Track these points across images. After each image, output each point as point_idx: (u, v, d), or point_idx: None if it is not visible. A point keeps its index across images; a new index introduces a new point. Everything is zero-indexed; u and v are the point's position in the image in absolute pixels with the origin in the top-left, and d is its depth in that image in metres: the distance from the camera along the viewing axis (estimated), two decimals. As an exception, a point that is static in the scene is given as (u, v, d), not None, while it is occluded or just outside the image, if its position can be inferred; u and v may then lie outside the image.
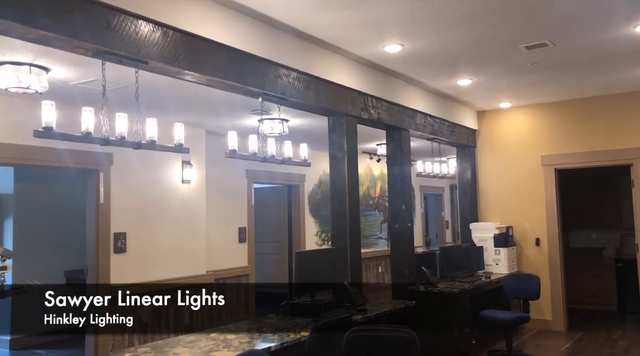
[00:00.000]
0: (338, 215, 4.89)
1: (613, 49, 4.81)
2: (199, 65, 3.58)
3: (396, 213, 5.83)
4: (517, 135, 7.32)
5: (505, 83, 6.03)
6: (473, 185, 7.49)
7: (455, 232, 14.24)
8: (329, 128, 4.98)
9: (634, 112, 6.51)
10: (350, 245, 4.85)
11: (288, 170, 8.72)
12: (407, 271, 5.73)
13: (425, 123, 6.30)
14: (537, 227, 7.10)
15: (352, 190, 4.93)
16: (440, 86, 6.10)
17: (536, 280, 5.65)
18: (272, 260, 9.10)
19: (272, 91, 4.13)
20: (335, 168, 4.93)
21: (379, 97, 5.38)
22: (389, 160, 5.93)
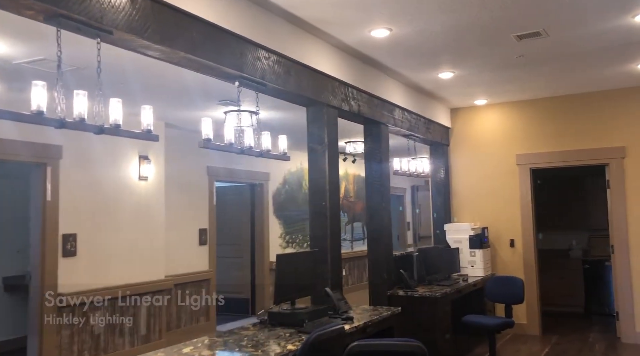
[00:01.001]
0: (318, 214, 4.49)
1: (607, 41, 4.63)
2: (171, 39, 3.10)
3: (374, 212, 5.48)
4: (491, 134, 7.14)
5: (486, 78, 5.80)
6: (446, 184, 7.26)
7: (416, 234, 14.12)
8: (308, 119, 4.58)
9: (610, 111, 6.43)
10: (331, 246, 4.46)
11: (252, 168, 8.26)
12: (386, 275, 5.38)
13: (403, 119, 5.99)
14: (512, 228, 6.93)
15: (333, 186, 4.54)
16: (420, 79, 5.80)
17: (520, 283, 5.43)
18: (233, 263, 8.59)
19: (251, 74, 3.68)
20: (314, 163, 4.53)
21: (360, 88, 5.02)
22: (366, 157, 5.58)
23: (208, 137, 3.52)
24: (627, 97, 6.33)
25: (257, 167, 8.37)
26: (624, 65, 5.39)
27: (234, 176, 8.01)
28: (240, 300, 8.53)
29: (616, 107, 6.39)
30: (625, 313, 6.26)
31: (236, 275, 8.58)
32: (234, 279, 8.56)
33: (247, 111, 4.35)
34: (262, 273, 8.47)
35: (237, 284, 8.55)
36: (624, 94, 6.35)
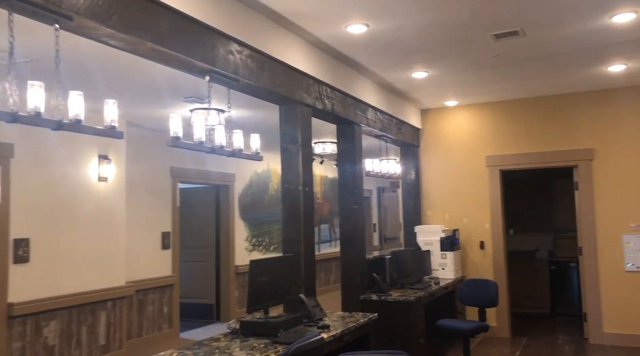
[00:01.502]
0: (291, 217, 4.29)
1: (582, 42, 4.62)
2: (137, 29, 2.85)
3: (347, 215, 5.32)
4: (461, 135, 7.10)
5: (459, 78, 5.74)
6: (417, 186, 7.18)
7: (382, 236, 14.08)
8: (281, 117, 4.38)
9: (579, 114, 6.48)
10: (305, 251, 4.27)
11: (217, 169, 7.99)
12: (359, 279, 5.23)
13: (375, 119, 5.86)
14: (482, 230, 6.90)
15: (308, 187, 4.35)
16: (393, 79, 5.68)
17: (493, 286, 5.37)
18: (198, 268, 8.29)
19: (223, 69, 3.46)
20: (288, 163, 4.33)
21: (334, 86, 4.85)
22: (340, 158, 5.42)
23: (177, 134, 3.27)
24: (596, 99, 6.39)
25: (222, 167, 8.11)
26: (595, 67, 5.41)
27: (199, 177, 7.73)
28: (204, 306, 8.24)
29: (585, 110, 6.45)
30: (593, 314, 6.31)
31: (200, 279, 8.28)
32: (198, 284, 8.26)
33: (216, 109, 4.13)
34: (228, 277, 8.20)
35: (201, 289, 8.25)
36: (593, 97, 6.41)
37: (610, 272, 6.25)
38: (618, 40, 4.58)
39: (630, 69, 5.46)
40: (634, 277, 6.13)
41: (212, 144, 3.52)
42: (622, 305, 6.16)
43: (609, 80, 5.95)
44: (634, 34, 4.42)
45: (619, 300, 6.18)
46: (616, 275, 6.22)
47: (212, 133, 3.57)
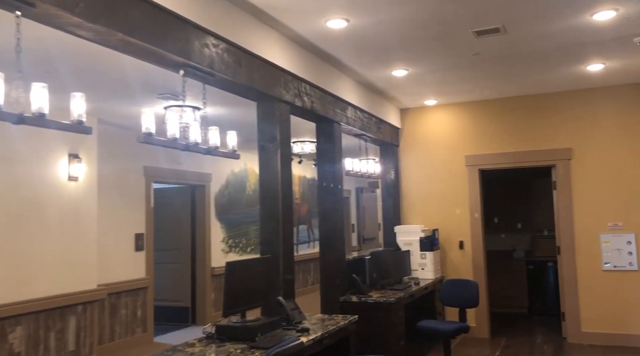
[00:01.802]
0: (269, 218, 4.16)
1: (563, 40, 4.59)
2: (107, 18, 2.69)
3: (327, 215, 5.21)
4: (441, 135, 7.06)
5: (439, 76, 5.68)
6: (396, 186, 7.11)
7: (360, 236, 14.02)
8: (259, 115, 4.25)
9: (558, 113, 6.49)
10: (284, 252, 4.15)
11: (192, 168, 7.81)
12: (339, 280, 5.13)
13: (355, 118, 5.77)
14: (461, 230, 6.87)
15: (286, 187, 4.23)
16: (373, 77, 5.60)
17: (474, 286, 5.32)
18: (173, 270, 8.09)
19: (198, 62, 3.32)
20: (265, 162, 4.20)
21: (313, 83, 4.74)
22: (319, 156, 5.31)
23: (149, 131, 3.12)
24: (574, 99, 6.41)
25: (198, 167, 7.92)
26: (575, 66, 5.41)
27: (174, 177, 7.53)
28: (179, 309, 8.04)
29: (564, 109, 6.46)
30: (571, 314, 6.32)
31: (175, 282, 8.08)
32: (173, 286, 8.06)
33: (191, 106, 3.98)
34: (204, 279, 8.01)
35: (177, 291, 8.05)
36: (571, 96, 6.42)
37: (588, 271, 6.26)
38: (597, 39, 4.57)
39: (608, 68, 5.48)
40: (611, 276, 6.16)
41: (187, 141, 3.38)
42: (599, 304, 6.19)
43: (587, 80, 5.96)
44: (613, 33, 4.42)
45: (596, 299, 6.20)
46: (594, 274, 6.24)
47: (186, 130, 3.43)
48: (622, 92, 6.20)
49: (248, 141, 5.94)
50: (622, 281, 6.11)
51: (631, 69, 5.55)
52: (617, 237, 6.14)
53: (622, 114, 6.21)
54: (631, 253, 6.08)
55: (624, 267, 6.11)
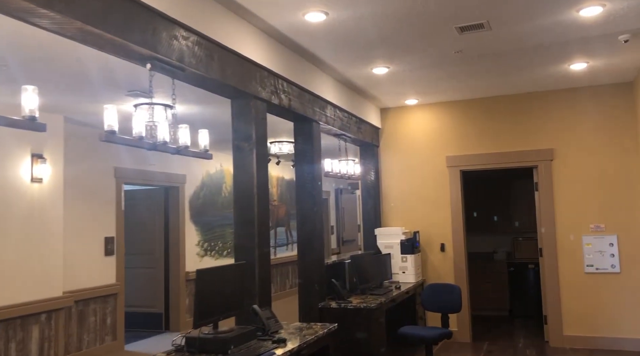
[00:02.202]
0: (244, 222, 3.94)
1: (547, 37, 4.47)
2: (65, 3, 2.45)
3: (306, 218, 5.01)
4: (421, 135, 6.91)
5: (420, 75, 5.52)
6: (377, 187, 6.94)
7: (340, 238, 13.84)
8: (233, 113, 4.02)
9: (540, 113, 6.40)
10: (260, 258, 3.93)
11: (166, 169, 7.53)
12: (318, 285, 4.93)
13: (335, 117, 5.58)
14: (442, 232, 6.73)
15: (262, 189, 4.02)
16: (353, 75, 5.41)
17: (457, 291, 5.17)
18: (145, 274, 7.79)
19: (166, 56, 3.08)
20: (240, 163, 3.97)
21: (291, 80, 4.53)
22: (297, 157, 5.10)
23: (112, 128, 2.87)
24: (556, 99, 6.32)
25: (172, 168, 7.65)
26: (558, 65, 5.31)
27: (146, 178, 7.25)
28: (152, 315, 7.75)
29: (545, 109, 6.37)
30: (554, 317, 6.22)
31: (148, 287, 7.78)
32: (145, 292, 7.77)
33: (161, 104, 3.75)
34: (178, 284, 7.74)
35: (149, 297, 7.76)
36: (553, 96, 6.34)
37: (570, 274, 6.18)
38: (582, 36, 4.46)
39: (591, 67, 5.39)
40: (594, 279, 6.08)
41: (154, 140, 3.14)
42: (581, 307, 6.10)
43: (570, 80, 5.87)
44: (599, 30, 4.31)
45: (578, 302, 6.12)
46: (576, 277, 6.15)
47: (154, 129, 3.19)
48: (604, 92, 6.13)
49: (223, 141, 5.71)
50: (605, 283, 6.04)
51: (614, 69, 5.48)
52: (599, 239, 6.07)
53: (605, 115, 6.14)
54: (613, 255, 6.01)
55: (606, 269, 6.04)
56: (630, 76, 5.81)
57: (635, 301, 5.91)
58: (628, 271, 5.96)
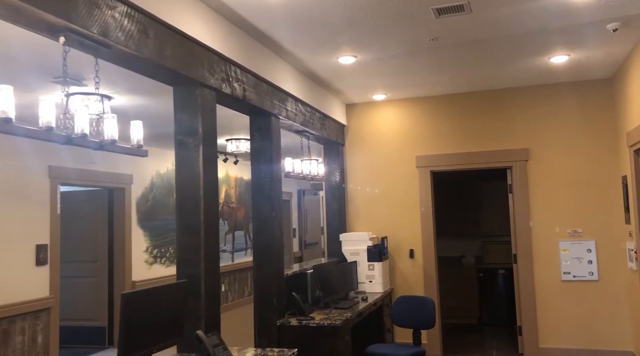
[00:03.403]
0: (188, 230, 3.34)
1: (528, 25, 4.04)
2: None
3: (263, 223, 4.44)
4: (390, 133, 6.43)
5: (390, 66, 5.03)
6: (342, 188, 6.43)
7: (302, 241, 13.30)
8: (175, 103, 3.43)
9: (515, 111, 6.01)
10: (207, 273, 3.34)
11: (110, 168, 6.82)
12: (276, 300, 4.37)
13: (297, 111, 5.03)
14: (412, 237, 6.27)
15: (210, 192, 3.43)
16: (317, 64, 4.88)
17: (430, 304, 4.70)
18: (86, 285, 7.05)
19: (85, 27, 2.47)
20: (183, 161, 3.38)
21: (246, 67, 3.96)
22: (253, 155, 4.53)
23: (7, 116, 2.24)
24: (533, 95, 5.94)
25: (117, 167, 6.94)
26: (538, 57, 4.90)
27: (87, 178, 6.52)
28: (94, 329, 7.02)
29: (521, 107, 5.99)
30: (528, 328, 5.84)
31: (89, 298, 7.04)
32: (86, 304, 7.02)
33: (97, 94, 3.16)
34: (123, 295, 7.01)
35: (91, 310, 7.02)
36: (529, 93, 5.96)
37: (546, 282, 5.81)
38: (568, 24, 4.06)
39: (572, 61, 5.01)
40: (571, 287, 5.73)
41: (68, 131, 2.52)
42: (558, 317, 5.74)
43: (549, 74, 5.50)
44: (588, 16, 3.91)
45: (555, 312, 5.75)
46: (552, 285, 5.79)
47: (68, 118, 2.58)
48: (583, 89, 5.79)
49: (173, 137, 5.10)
50: (582, 292, 5.69)
51: (594, 63, 5.12)
52: (577, 245, 5.72)
53: (583, 113, 5.79)
54: (591, 261, 5.67)
55: (584, 276, 5.69)
56: (609, 72, 5.48)
57: (614, 311, 5.58)
58: (607, 279, 5.63)
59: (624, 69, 5.08)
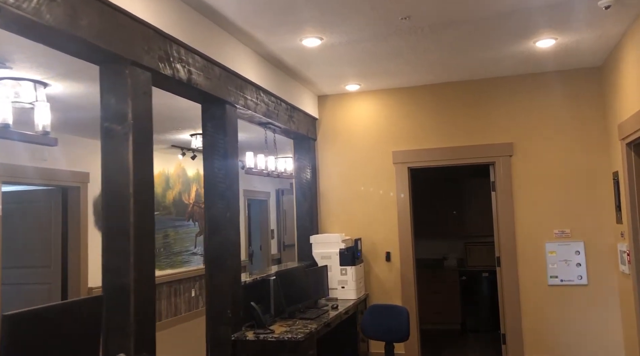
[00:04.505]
0: (114, 234, 2.86)
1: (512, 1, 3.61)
2: None
3: (216, 224, 3.96)
4: (365, 127, 5.98)
5: (360, 50, 4.57)
6: (313, 187, 5.96)
7: (281, 243, 12.82)
8: (102, 84, 2.93)
9: (498, 103, 5.58)
10: (138, 283, 2.85)
11: (62, 166, 6.29)
12: (231, 311, 3.88)
13: (258, 101, 4.55)
14: (388, 239, 5.82)
15: (143, 190, 2.94)
16: (279, 48, 4.40)
17: (404, 314, 4.24)
18: (36, 292, 6.50)
19: (-38, -18, 1.98)
20: (110, 152, 2.89)
21: (193, 47, 3.48)
22: (206, 149, 4.04)
23: None
24: (517, 86, 5.52)
25: (71, 164, 6.42)
26: (522, 41, 4.46)
27: (35, 176, 5.99)
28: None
29: (504, 98, 5.56)
30: (513, 336, 5.41)
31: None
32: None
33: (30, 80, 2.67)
34: (79, 303, 6.48)
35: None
36: (513, 83, 5.53)
37: (532, 287, 5.39)
38: (555, 0, 3.62)
39: (559, 45, 4.59)
40: (558, 292, 5.31)
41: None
42: (545, 325, 5.32)
43: (535, 62, 5.07)
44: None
45: (541, 319, 5.34)
46: (538, 290, 5.37)
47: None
48: (570, 79, 5.38)
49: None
50: (571, 297, 5.28)
51: (584, 48, 4.70)
52: (565, 246, 5.31)
53: (571, 105, 5.38)
54: (580, 264, 5.26)
55: (572, 281, 5.28)
56: (599, 59, 5.07)
57: (604, 317, 5.17)
58: (596, 283, 5.22)
59: (615, 55, 4.67)
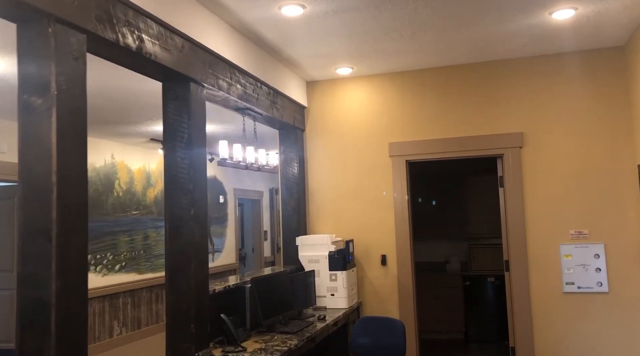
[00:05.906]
0: (32, 233, 2.28)
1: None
2: None
3: (178, 222, 3.37)
4: (358, 116, 5.40)
5: (350, 22, 3.97)
6: (301, 183, 5.37)
7: (275, 244, 12.24)
8: (19, 47, 2.36)
9: (507, 87, 4.99)
10: (62, 296, 2.26)
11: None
12: (195, 325, 3.29)
13: (232, 81, 3.96)
14: (384, 240, 5.23)
15: (72, 180, 2.35)
16: (254, 18, 3.81)
17: (400, 328, 3.66)
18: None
19: None
20: (28, 129, 2.31)
21: (144, 9, 2.89)
22: (167, 134, 3.45)
23: None
24: (529, 68, 4.93)
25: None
26: (536, 11, 3.87)
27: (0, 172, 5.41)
28: (7, 353, 5.89)
29: (514, 82, 4.97)
30: (523, 349, 4.82)
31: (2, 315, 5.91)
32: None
33: None
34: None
35: (4, 329, 5.89)
36: (524, 65, 4.94)
37: (545, 294, 4.80)
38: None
39: (579, 18, 3.99)
40: (575, 300, 4.72)
41: None
42: (559, 337, 4.73)
43: (549, 41, 4.48)
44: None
45: (555, 330, 4.74)
46: (552, 297, 4.77)
47: None
48: (591, 60, 4.78)
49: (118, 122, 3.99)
50: (589, 307, 4.68)
51: (606, 21, 4.10)
52: (582, 249, 4.71)
53: (590, 89, 4.79)
54: (600, 269, 4.67)
55: (590, 288, 4.68)
56: (622, 37, 4.48)
57: (627, 329, 4.58)
58: (618, 291, 4.63)
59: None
